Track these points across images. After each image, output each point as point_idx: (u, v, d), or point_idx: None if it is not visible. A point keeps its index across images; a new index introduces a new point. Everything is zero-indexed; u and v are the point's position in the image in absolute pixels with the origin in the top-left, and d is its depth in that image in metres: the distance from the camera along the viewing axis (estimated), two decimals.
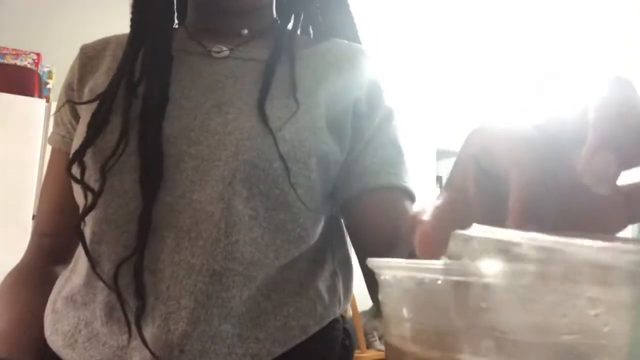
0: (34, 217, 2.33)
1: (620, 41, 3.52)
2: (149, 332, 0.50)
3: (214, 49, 0.62)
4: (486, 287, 0.19)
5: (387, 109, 0.64)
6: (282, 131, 0.55)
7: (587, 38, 3.56)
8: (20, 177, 2.33)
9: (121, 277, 0.51)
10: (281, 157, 0.53)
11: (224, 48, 0.62)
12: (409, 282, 0.23)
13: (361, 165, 0.61)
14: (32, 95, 2.51)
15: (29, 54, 2.69)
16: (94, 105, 0.58)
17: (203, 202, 0.53)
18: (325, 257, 0.62)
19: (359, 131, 0.61)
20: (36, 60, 2.70)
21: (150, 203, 0.52)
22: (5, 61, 2.62)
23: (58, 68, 2.78)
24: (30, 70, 2.62)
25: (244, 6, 0.64)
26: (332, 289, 0.61)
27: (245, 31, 0.66)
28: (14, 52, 2.67)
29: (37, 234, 0.69)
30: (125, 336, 0.51)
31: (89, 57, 0.66)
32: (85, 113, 0.59)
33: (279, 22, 0.69)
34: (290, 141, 0.55)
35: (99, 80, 0.61)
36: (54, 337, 0.56)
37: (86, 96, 0.61)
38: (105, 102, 0.57)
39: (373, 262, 0.25)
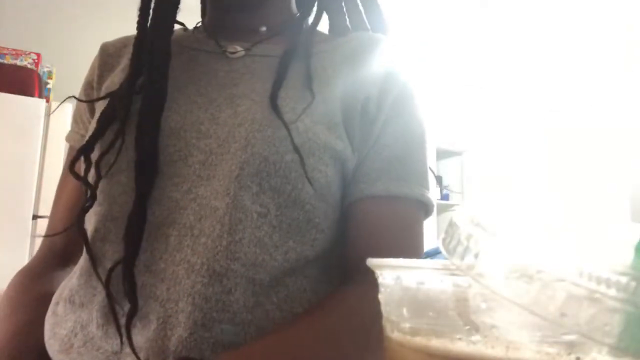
0: (34, 217, 2.33)
1: (621, 25, 3.51)
2: (144, 336, 0.47)
3: (229, 50, 0.61)
4: (486, 286, 0.19)
5: (396, 102, 0.59)
6: (296, 122, 0.52)
7: (589, 22, 3.55)
8: (20, 177, 2.33)
9: (119, 279, 0.48)
10: (296, 149, 0.50)
11: (239, 48, 0.61)
12: (408, 282, 0.23)
13: (362, 169, 0.57)
14: (32, 95, 2.50)
15: (29, 54, 2.69)
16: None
17: (208, 197, 0.50)
18: (341, 263, 0.58)
19: (366, 133, 0.57)
20: (36, 60, 2.70)
21: (144, 201, 0.50)
22: (5, 61, 2.62)
23: (58, 68, 2.78)
24: (30, 70, 2.61)
25: (252, 2, 0.61)
26: None
27: (264, 28, 0.64)
28: (14, 52, 2.66)
29: (49, 233, 0.66)
30: (118, 341, 0.48)
31: (108, 54, 0.66)
32: (99, 111, 0.58)
33: (298, 15, 0.66)
34: (304, 133, 0.52)
35: (116, 79, 0.61)
36: (52, 342, 0.53)
37: (102, 94, 0.61)
38: (114, 100, 0.56)
39: (373, 261, 0.25)
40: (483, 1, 3.43)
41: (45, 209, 2.35)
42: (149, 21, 0.58)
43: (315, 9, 0.65)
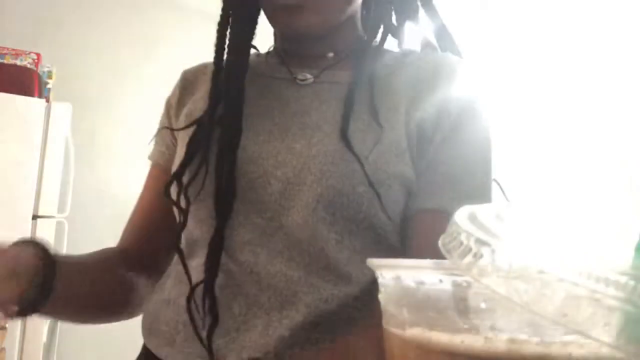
0: (34, 217, 2.32)
1: (621, 25, 3.51)
2: (248, 337, 0.54)
3: (299, 77, 0.64)
4: (486, 287, 0.19)
5: (457, 123, 0.60)
6: (368, 157, 0.56)
7: (588, 22, 3.56)
8: (20, 177, 2.32)
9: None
10: (371, 184, 0.54)
11: (308, 75, 0.64)
12: (408, 282, 0.23)
13: (420, 184, 0.59)
14: (32, 95, 2.50)
15: (29, 53, 2.69)
16: (191, 129, 0.63)
17: (291, 227, 0.56)
18: None
19: (422, 151, 0.59)
20: (36, 60, 2.70)
21: (223, 224, 0.56)
22: (5, 61, 2.61)
23: (58, 68, 2.78)
24: (30, 70, 2.61)
25: (317, 32, 0.63)
26: None
27: (331, 54, 0.66)
28: (14, 52, 2.66)
29: (122, 242, 0.72)
30: (222, 340, 0.54)
31: (189, 80, 0.72)
32: (183, 134, 0.64)
33: (365, 38, 0.67)
34: (374, 163, 0.56)
35: (197, 105, 0.66)
36: (152, 337, 0.60)
37: (182, 118, 0.67)
38: (199, 128, 0.62)
39: (372, 261, 0.25)
40: (483, 2, 3.43)
41: (45, 209, 2.34)
42: (225, 53, 0.63)
43: (381, 31, 0.67)
